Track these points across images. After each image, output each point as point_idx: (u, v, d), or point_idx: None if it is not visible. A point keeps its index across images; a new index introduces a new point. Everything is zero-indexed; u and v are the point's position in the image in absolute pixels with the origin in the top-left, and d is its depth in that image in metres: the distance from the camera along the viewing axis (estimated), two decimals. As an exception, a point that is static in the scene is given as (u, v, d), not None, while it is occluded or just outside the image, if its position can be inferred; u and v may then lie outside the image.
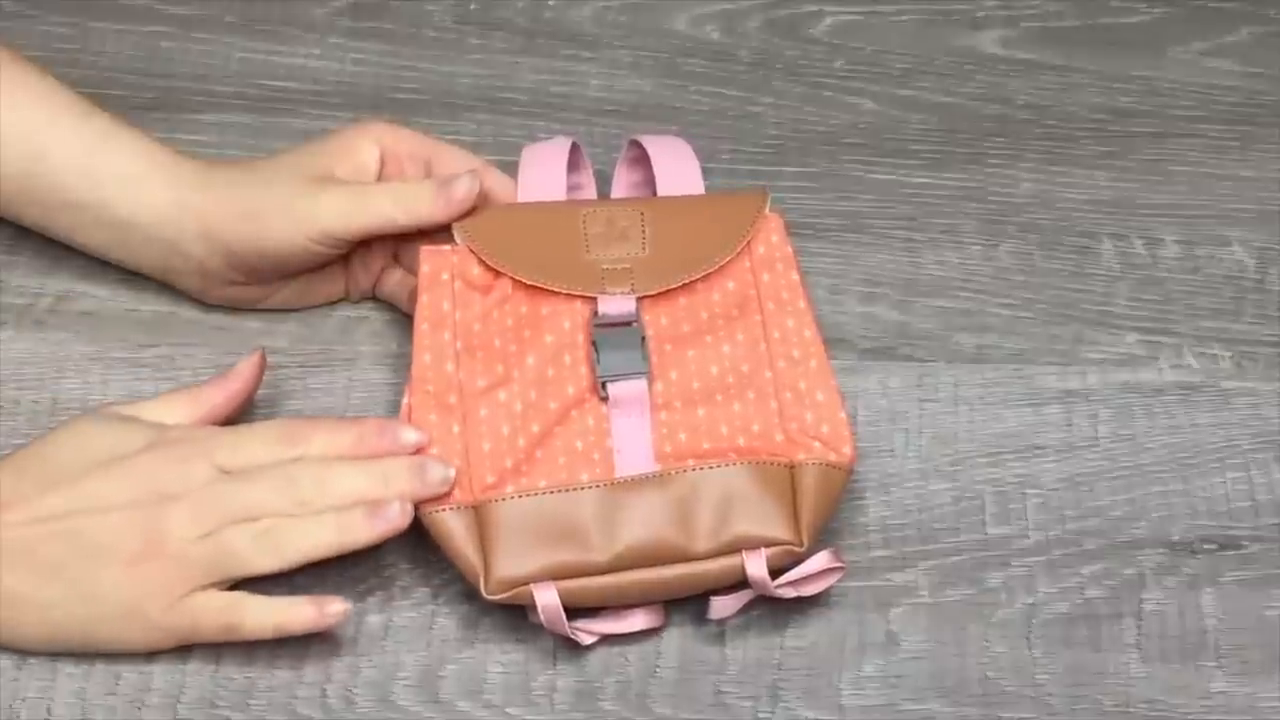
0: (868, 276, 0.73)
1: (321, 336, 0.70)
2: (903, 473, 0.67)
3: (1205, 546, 0.66)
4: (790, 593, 0.61)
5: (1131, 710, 0.62)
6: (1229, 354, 0.72)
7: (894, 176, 0.77)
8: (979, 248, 0.74)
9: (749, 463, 0.62)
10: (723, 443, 0.62)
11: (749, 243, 0.66)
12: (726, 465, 0.62)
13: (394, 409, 0.66)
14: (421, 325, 0.64)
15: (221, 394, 0.63)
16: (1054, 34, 0.83)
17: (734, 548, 0.61)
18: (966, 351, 0.71)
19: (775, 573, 0.61)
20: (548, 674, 0.62)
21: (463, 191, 0.64)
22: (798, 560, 0.61)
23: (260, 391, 0.68)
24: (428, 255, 0.65)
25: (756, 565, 0.60)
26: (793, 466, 0.62)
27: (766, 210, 0.67)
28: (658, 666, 0.62)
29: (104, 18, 0.79)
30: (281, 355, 0.69)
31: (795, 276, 0.66)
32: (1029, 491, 0.67)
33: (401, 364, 0.68)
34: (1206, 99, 0.80)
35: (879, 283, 0.73)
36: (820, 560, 0.61)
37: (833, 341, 0.70)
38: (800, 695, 0.62)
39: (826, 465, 0.62)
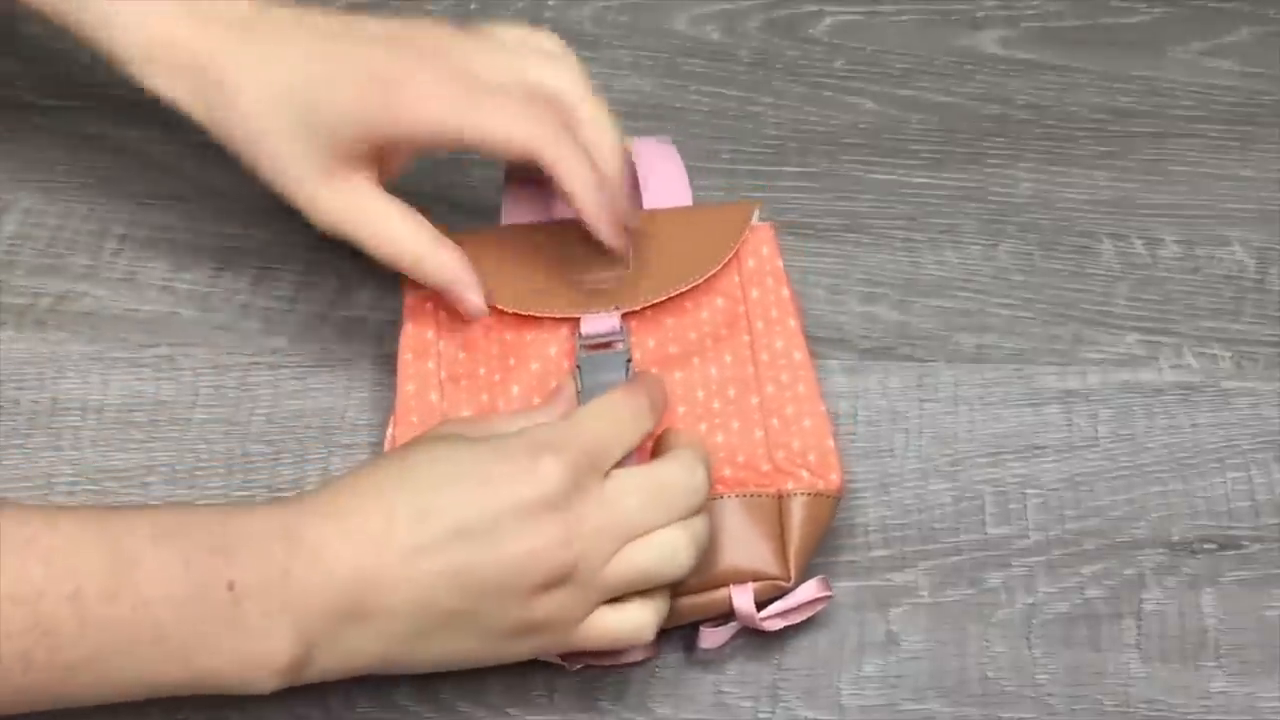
0: (868, 276, 0.73)
1: (321, 336, 0.70)
2: (903, 473, 0.67)
3: (1205, 546, 0.66)
4: (778, 624, 0.60)
5: (1131, 710, 0.62)
6: (1229, 354, 0.72)
7: (894, 176, 0.77)
8: (979, 248, 0.74)
9: (736, 495, 0.61)
10: None
11: (738, 256, 0.66)
12: (713, 498, 0.60)
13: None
14: (405, 355, 0.64)
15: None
16: (1054, 34, 0.83)
17: (721, 581, 0.60)
18: (966, 351, 0.71)
19: (762, 604, 0.60)
20: (547, 674, 0.62)
21: (470, 310, 0.63)
22: (784, 592, 0.60)
23: (259, 391, 0.68)
24: (412, 284, 0.64)
25: (744, 599, 0.60)
26: (780, 496, 0.61)
27: (755, 221, 0.66)
28: (658, 666, 0.62)
29: (104, 18, 0.78)
30: (281, 355, 0.69)
31: (785, 292, 0.65)
32: (1029, 491, 0.67)
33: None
34: (1206, 99, 0.80)
35: (879, 283, 0.73)
36: (808, 590, 0.60)
37: (833, 341, 0.71)
38: (800, 695, 0.62)
39: (814, 494, 0.61)
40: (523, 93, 0.60)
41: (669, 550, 0.55)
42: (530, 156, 0.59)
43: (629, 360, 0.63)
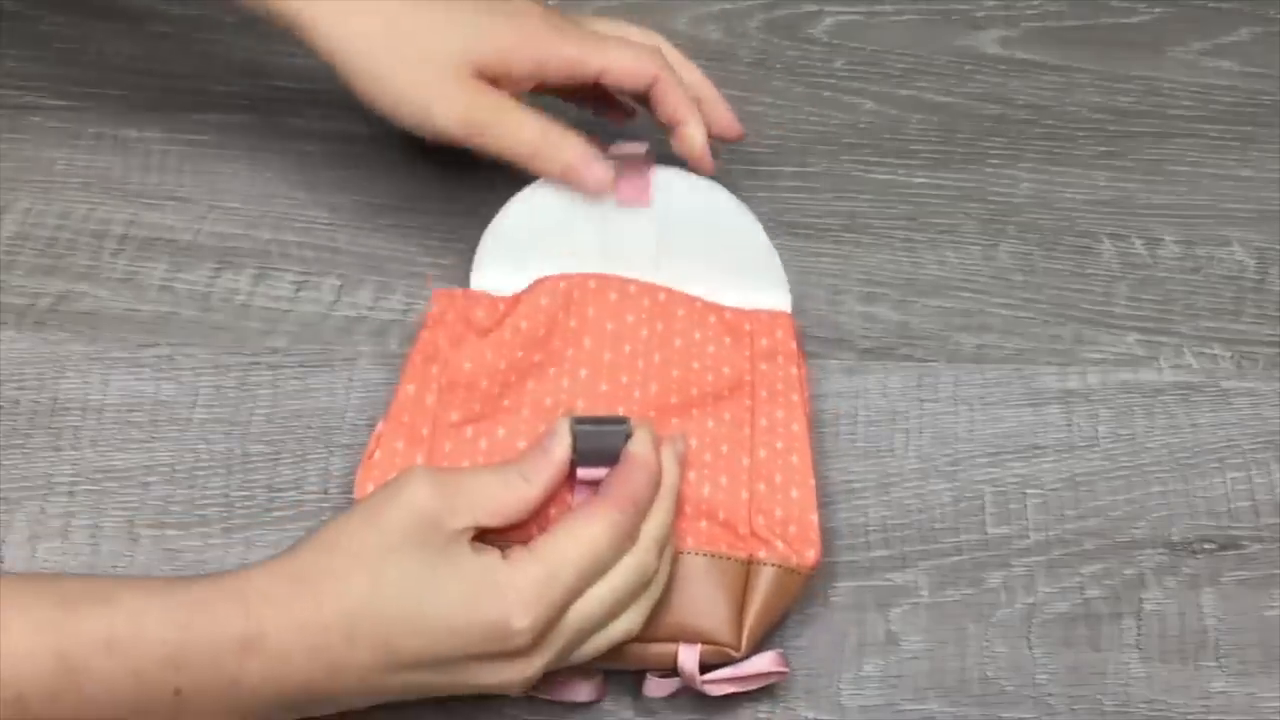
0: (868, 276, 0.73)
1: (321, 336, 0.70)
2: (903, 473, 0.67)
3: (1205, 546, 0.66)
4: (723, 690, 0.59)
5: (1131, 710, 0.62)
6: (1229, 354, 0.72)
7: (894, 176, 0.77)
8: (979, 248, 0.74)
9: (706, 554, 0.60)
10: (685, 523, 0.60)
11: (751, 335, 0.66)
12: (683, 552, 0.60)
13: (394, 409, 0.66)
14: (415, 358, 0.64)
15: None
16: (1054, 34, 0.83)
17: (671, 635, 0.59)
18: (966, 351, 0.71)
19: (712, 666, 0.59)
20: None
21: (596, 180, 0.66)
22: (734, 660, 0.59)
23: (259, 391, 0.68)
24: (438, 296, 0.66)
25: (689, 659, 0.58)
26: (750, 561, 0.60)
27: (785, 308, 0.67)
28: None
29: (104, 18, 0.79)
30: (281, 355, 0.69)
31: (795, 371, 0.65)
32: (1029, 491, 0.67)
33: (401, 364, 0.68)
34: (1206, 99, 0.80)
35: (879, 283, 0.73)
36: (762, 663, 0.59)
37: (833, 341, 0.71)
38: (800, 695, 0.62)
39: (785, 568, 0.60)
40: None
41: (623, 631, 0.56)
42: (652, 83, 0.66)
43: (628, 435, 0.59)
